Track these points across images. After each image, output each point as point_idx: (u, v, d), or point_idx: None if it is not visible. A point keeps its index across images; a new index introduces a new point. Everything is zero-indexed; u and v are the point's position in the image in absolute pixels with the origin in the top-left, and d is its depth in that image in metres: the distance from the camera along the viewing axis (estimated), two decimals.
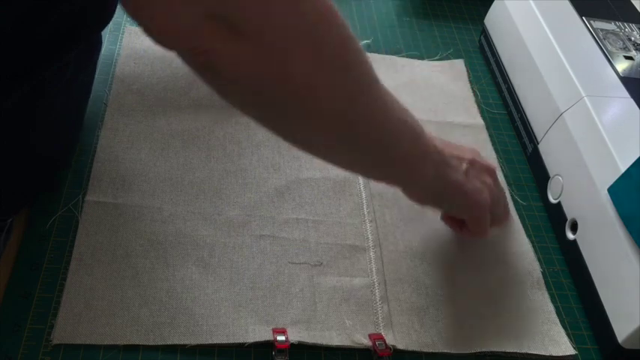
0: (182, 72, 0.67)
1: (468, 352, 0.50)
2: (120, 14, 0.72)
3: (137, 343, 0.46)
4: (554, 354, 0.51)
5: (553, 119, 0.63)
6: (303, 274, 0.53)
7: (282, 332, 0.47)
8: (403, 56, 0.77)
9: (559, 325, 0.54)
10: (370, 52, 0.76)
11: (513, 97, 0.72)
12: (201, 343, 0.46)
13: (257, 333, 0.47)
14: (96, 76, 0.64)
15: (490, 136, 0.70)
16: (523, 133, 0.69)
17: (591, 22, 0.70)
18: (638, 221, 0.49)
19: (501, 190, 0.58)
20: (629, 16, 0.72)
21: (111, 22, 0.70)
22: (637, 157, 0.50)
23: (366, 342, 0.49)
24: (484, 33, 0.81)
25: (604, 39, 0.67)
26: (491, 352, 0.51)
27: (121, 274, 0.49)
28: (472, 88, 0.75)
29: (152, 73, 0.66)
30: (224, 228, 0.54)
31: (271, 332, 0.47)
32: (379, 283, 0.53)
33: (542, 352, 0.51)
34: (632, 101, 0.60)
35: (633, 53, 0.67)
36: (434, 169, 0.49)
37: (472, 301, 0.54)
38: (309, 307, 0.50)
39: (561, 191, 0.60)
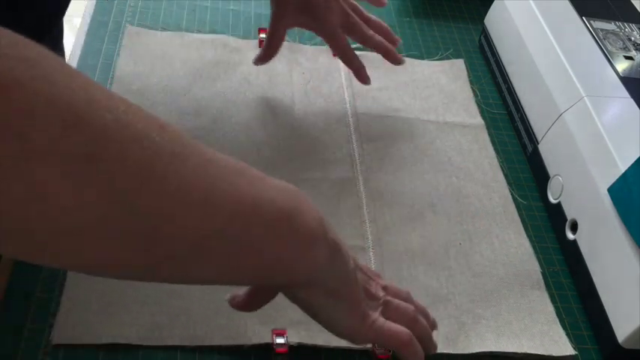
0: (182, 72, 0.67)
1: (467, 352, 0.50)
2: (120, 14, 0.72)
3: (137, 343, 0.46)
4: (553, 354, 0.51)
5: (553, 119, 0.63)
6: None
7: (282, 333, 0.47)
8: (403, 56, 0.77)
9: (559, 325, 0.54)
10: (370, 52, 0.76)
11: (513, 97, 0.72)
12: (201, 344, 0.46)
13: (257, 334, 0.47)
14: (96, 75, 0.64)
15: (490, 136, 0.70)
16: (523, 133, 0.69)
17: (591, 22, 0.70)
18: (638, 221, 0.49)
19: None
20: (629, 16, 0.72)
21: (110, 22, 0.71)
22: (637, 157, 0.50)
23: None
24: (484, 33, 0.81)
25: (604, 39, 0.67)
26: (490, 352, 0.51)
27: None
28: (472, 88, 0.75)
29: (152, 73, 0.66)
30: None
31: (271, 333, 0.47)
32: None
33: (542, 352, 0.51)
34: (632, 101, 0.60)
35: (633, 53, 0.67)
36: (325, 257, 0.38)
37: (472, 301, 0.54)
38: None
39: (561, 191, 0.60)
